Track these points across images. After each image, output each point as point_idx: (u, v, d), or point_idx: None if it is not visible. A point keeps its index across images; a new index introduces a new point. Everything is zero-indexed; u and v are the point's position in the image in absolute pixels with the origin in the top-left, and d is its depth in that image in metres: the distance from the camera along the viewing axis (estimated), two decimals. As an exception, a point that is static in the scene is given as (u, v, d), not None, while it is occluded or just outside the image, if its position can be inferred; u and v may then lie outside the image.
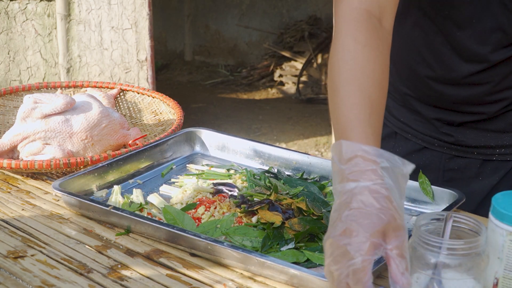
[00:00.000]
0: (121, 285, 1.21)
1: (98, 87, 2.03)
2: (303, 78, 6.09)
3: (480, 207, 1.55)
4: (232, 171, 1.62)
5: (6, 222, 1.42)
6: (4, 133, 1.80)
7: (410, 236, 1.06)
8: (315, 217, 1.38)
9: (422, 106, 1.58)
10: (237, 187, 1.52)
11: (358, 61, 1.16)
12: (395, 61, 1.57)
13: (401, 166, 1.04)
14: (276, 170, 1.62)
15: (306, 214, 1.38)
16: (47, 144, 1.68)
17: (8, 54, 4.15)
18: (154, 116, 1.97)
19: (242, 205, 1.41)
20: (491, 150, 1.55)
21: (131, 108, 2.01)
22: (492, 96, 1.49)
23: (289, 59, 6.29)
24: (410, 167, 1.04)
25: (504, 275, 1.10)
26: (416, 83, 1.56)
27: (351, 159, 1.04)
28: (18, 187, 1.59)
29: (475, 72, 1.46)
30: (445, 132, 1.58)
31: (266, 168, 1.65)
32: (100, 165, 1.56)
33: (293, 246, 1.31)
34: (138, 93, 2.03)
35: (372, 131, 1.10)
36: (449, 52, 1.47)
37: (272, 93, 6.20)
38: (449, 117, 1.56)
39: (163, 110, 1.96)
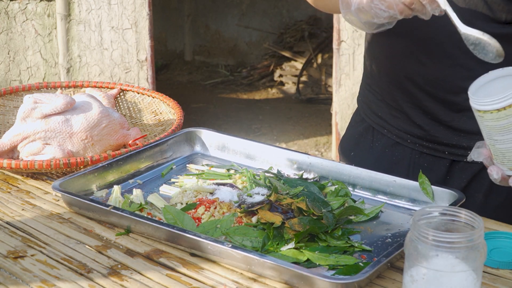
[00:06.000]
0: (121, 285, 1.21)
1: (98, 87, 2.03)
2: (303, 78, 6.09)
3: None
4: (232, 171, 1.62)
5: (6, 222, 1.42)
6: (4, 133, 1.80)
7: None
8: (315, 217, 1.38)
9: (395, 89, 1.61)
10: (237, 187, 1.52)
11: None
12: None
13: None
14: (276, 170, 1.62)
15: (306, 214, 1.38)
16: (47, 144, 1.68)
17: (8, 54, 4.15)
18: (154, 116, 1.97)
19: (242, 205, 1.41)
20: (462, 151, 1.56)
21: (131, 108, 2.01)
22: (467, 82, 1.50)
23: (289, 59, 6.29)
24: None
25: None
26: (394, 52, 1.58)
27: None
28: (18, 187, 1.59)
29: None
30: (418, 124, 1.59)
31: (266, 168, 1.65)
32: (100, 165, 1.56)
33: (293, 246, 1.31)
34: (138, 93, 2.03)
35: None
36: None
37: (272, 93, 6.20)
38: (422, 101, 1.57)
39: (163, 110, 1.96)
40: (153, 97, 2.00)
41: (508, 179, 1.27)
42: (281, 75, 6.26)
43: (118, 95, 2.03)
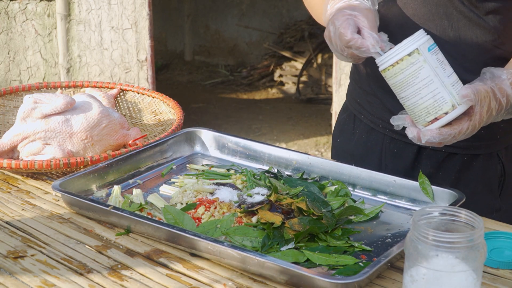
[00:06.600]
0: (121, 285, 1.21)
1: (98, 87, 2.03)
2: (303, 78, 6.09)
3: None
4: (232, 171, 1.62)
5: (6, 222, 1.42)
6: (4, 133, 1.80)
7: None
8: (315, 217, 1.38)
9: (369, 74, 1.64)
10: (237, 187, 1.52)
11: None
12: None
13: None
14: (276, 170, 1.62)
15: (306, 214, 1.38)
16: (47, 144, 1.68)
17: (8, 54, 4.15)
18: (154, 116, 1.97)
19: (242, 205, 1.41)
20: None
21: (131, 108, 2.01)
22: None
23: (289, 59, 6.29)
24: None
25: None
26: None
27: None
28: (18, 187, 1.59)
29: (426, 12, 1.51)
30: (389, 108, 1.61)
31: (266, 168, 1.65)
32: (100, 165, 1.56)
33: (293, 246, 1.31)
34: (138, 93, 2.03)
35: None
36: None
37: (272, 93, 6.20)
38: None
39: (163, 110, 1.96)
40: (153, 97, 2.00)
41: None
42: (281, 75, 6.26)
43: (118, 95, 2.03)
